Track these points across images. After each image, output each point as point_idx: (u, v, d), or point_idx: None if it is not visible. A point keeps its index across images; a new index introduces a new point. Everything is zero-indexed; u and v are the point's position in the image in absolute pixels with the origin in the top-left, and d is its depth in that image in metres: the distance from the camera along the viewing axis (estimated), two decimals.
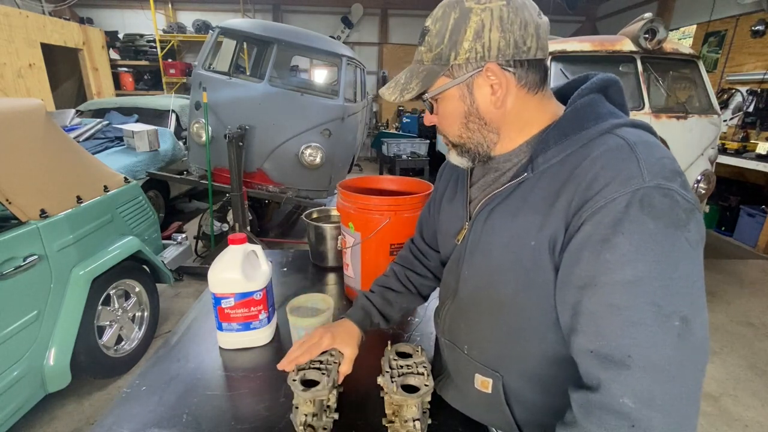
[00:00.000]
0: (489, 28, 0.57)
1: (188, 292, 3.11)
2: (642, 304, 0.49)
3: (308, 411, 0.72)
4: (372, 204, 1.08)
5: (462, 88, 0.62)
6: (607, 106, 0.62)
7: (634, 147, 0.53)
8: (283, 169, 3.50)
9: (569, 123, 0.60)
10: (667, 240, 0.49)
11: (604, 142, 0.56)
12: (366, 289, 1.19)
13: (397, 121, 8.89)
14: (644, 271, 0.49)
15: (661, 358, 0.48)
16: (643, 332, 0.49)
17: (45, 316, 1.70)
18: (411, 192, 1.23)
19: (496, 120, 0.63)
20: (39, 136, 1.81)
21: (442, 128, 0.69)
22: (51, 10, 6.60)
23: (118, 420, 0.78)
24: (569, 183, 0.56)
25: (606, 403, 0.51)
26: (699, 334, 0.49)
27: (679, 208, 0.50)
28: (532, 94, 0.62)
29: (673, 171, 0.52)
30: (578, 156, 0.57)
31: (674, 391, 0.49)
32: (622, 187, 0.51)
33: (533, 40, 0.58)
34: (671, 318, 0.48)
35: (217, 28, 3.56)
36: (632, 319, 0.49)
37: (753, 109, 4.84)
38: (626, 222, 0.49)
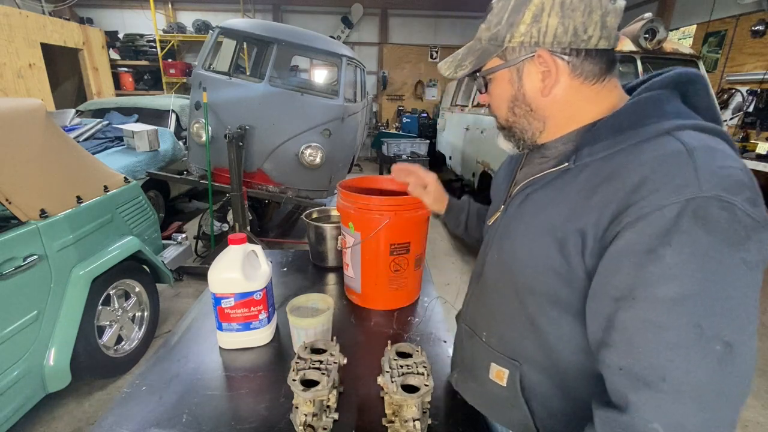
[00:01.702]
0: (548, 13, 0.55)
1: (188, 292, 3.11)
2: (683, 324, 0.45)
3: (308, 411, 0.72)
4: (372, 204, 1.08)
5: (512, 72, 0.61)
6: (676, 105, 0.56)
7: (692, 152, 0.47)
8: (283, 169, 3.50)
9: (626, 117, 0.55)
10: (721, 258, 0.44)
11: (659, 143, 0.50)
12: (366, 289, 1.19)
13: (397, 121, 8.89)
14: (690, 289, 0.44)
15: (698, 385, 0.45)
16: (681, 355, 0.45)
17: (45, 316, 1.70)
18: None
19: (542, 108, 0.61)
20: (39, 136, 1.81)
21: (493, 109, 0.68)
22: (51, 10, 6.60)
23: (118, 420, 0.78)
24: (611, 181, 0.52)
25: (633, 427, 0.47)
26: (742, 364, 0.45)
27: (738, 224, 0.44)
28: (588, 84, 0.58)
29: (739, 183, 0.46)
30: (627, 154, 0.52)
31: (708, 421, 0.45)
32: (673, 195, 0.46)
33: (596, 28, 0.54)
34: (713, 342, 0.44)
35: (217, 28, 3.56)
36: (671, 339, 0.45)
37: (753, 109, 4.84)
38: (676, 234, 0.45)
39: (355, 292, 1.23)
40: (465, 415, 0.82)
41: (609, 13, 0.54)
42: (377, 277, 1.16)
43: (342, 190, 1.15)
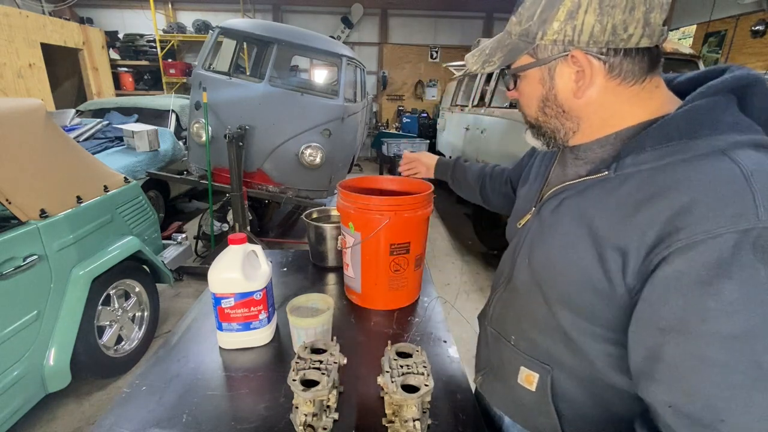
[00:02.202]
0: (585, 9, 0.50)
1: (188, 292, 3.11)
2: (744, 363, 0.42)
3: (308, 411, 0.72)
4: (372, 204, 1.08)
5: (543, 71, 0.57)
6: (734, 115, 0.50)
7: (750, 177, 0.44)
8: (283, 169, 3.50)
9: (677, 126, 0.50)
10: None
11: (713, 164, 0.46)
12: (366, 289, 1.19)
13: (397, 121, 8.89)
14: (752, 326, 0.41)
15: (761, 428, 0.42)
16: (742, 395, 0.42)
17: (45, 316, 1.70)
18: (411, 192, 1.23)
19: (575, 109, 0.57)
20: (39, 136, 1.81)
21: (521, 106, 0.65)
22: (51, 10, 6.60)
23: (118, 420, 0.78)
24: (658, 199, 0.48)
25: None
26: None
27: None
28: (626, 85, 0.53)
29: None
30: (677, 171, 0.48)
31: None
32: (729, 223, 0.42)
33: (638, 26, 0.49)
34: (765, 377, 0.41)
35: (217, 28, 3.56)
36: (731, 379, 0.42)
37: None
38: (735, 266, 0.42)
39: (355, 292, 1.23)
40: (465, 415, 0.82)
41: (654, 9, 0.49)
42: (377, 277, 1.16)
43: (342, 190, 1.15)
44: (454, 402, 0.85)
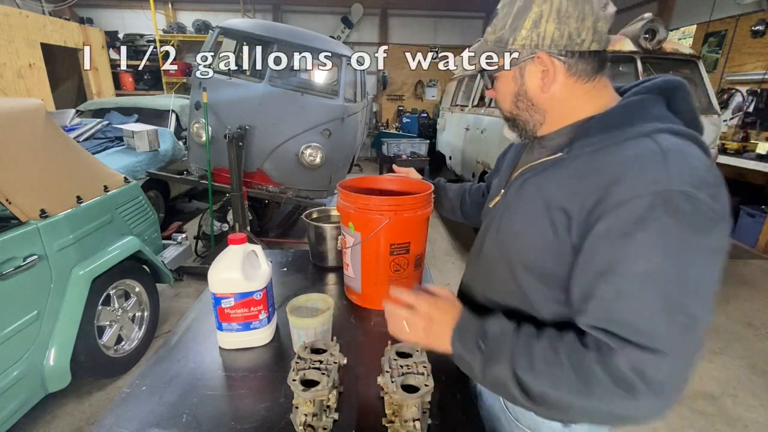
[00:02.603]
0: (546, 19, 0.62)
1: (188, 292, 3.11)
2: (653, 295, 0.53)
3: (308, 411, 0.72)
4: (372, 204, 1.07)
5: (515, 71, 0.69)
6: (658, 109, 0.63)
7: (666, 153, 0.56)
8: (283, 169, 3.50)
9: (615, 118, 0.63)
10: (686, 242, 0.52)
11: (639, 144, 0.58)
12: (366, 288, 1.19)
13: (397, 121, 8.89)
14: (660, 266, 0.52)
15: (663, 345, 0.52)
16: (649, 320, 0.53)
17: (45, 316, 1.70)
18: (411, 192, 1.22)
19: (542, 103, 0.69)
20: (39, 136, 1.81)
21: (498, 102, 0.77)
22: (51, 10, 6.60)
23: (118, 420, 0.78)
24: (598, 173, 0.59)
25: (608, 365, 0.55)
26: (700, 333, 0.54)
27: (701, 216, 0.52)
28: (581, 83, 0.66)
29: (703, 181, 0.54)
30: (612, 151, 0.60)
31: (669, 369, 0.53)
32: (648, 186, 0.54)
33: (589, 33, 0.62)
34: (678, 312, 0.52)
35: (217, 28, 3.56)
36: (644, 308, 0.53)
37: (753, 109, 4.84)
38: (649, 219, 0.53)
39: (355, 292, 1.23)
40: (465, 415, 0.82)
41: (600, 20, 0.62)
42: (377, 277, 1.16)
43: (342, 190, 1.14)
44: (454, 402, 0.85)
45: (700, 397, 2.20)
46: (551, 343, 0.60)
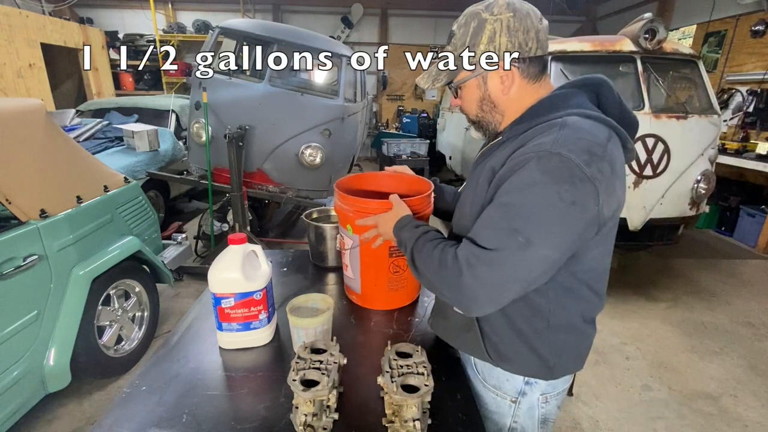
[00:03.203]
0: (499, 35, 0.75)
1: (188, 292, 3.11)
2: (503, 218, 0.69)
3: (308, 411, 0.72)
4: (370, 207, 1.05)
5: (478, 79, 0.81)
6: (580, 99, 0.77)
7: (562, 127, 0.70)
8: (283, 169, 3.50)
9: (541, 107, 0.78)
10: (544, 187, 0.66)
11: (551, 122, 0.73)
12: (366, 289, 1.19)
13: (397, 121, 8.89)
14: (514, 200, 0.69)
15: (493, 246, 0.69)
16: (493, 231, 0.70)
17: (45, 316, 1.70)
18: (411, 191, 1.21)
19: (503, 104, 0.82)
20: (39, 136, 1.81)
21: (464, 109, 0.89)
22: (51, 10, 6.60)
23: (118, 420, 0.78)
24: (515, 143, 0.76)
25: (457, 260, 0.73)
26: (534, 258, 0.68)
27: (567, 172, 0.65)
28: (531, 83, 0.80)
29: (584, 149, 0.67)
30: (533, 130, 0.75)
31: (496, 278, 0.69)
32: (535, 148, 0.69)
33: (534, 42, 0.76)
34: (516, 234, 0.67)
35: (217, 28, 3.56)
36: (492, 224, 0.71)
37: (753, 109, 4.83)
38: (522, 169, 0.69)
39: (355, 293, 1.23)
40: (465, 415, 0.82)
41: (540, 30, 0.76)
42: (376, 278, 1.16)
43: (339, 192, 1.13)
44: (454, 402, 0.85)
45: (700, 397, 2.20)
46: (439, 244, 0.79)
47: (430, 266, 0.78)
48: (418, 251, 0.82)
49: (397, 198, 1.01)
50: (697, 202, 2.97)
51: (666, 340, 2.70)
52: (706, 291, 3.36)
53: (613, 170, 0.69)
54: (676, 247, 4.07)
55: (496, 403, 0.90)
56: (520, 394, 0.87)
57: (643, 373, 2.38)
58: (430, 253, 0.79)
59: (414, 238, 0.85)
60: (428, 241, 0.82)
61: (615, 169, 0.70)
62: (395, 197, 1.01)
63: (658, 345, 2.65)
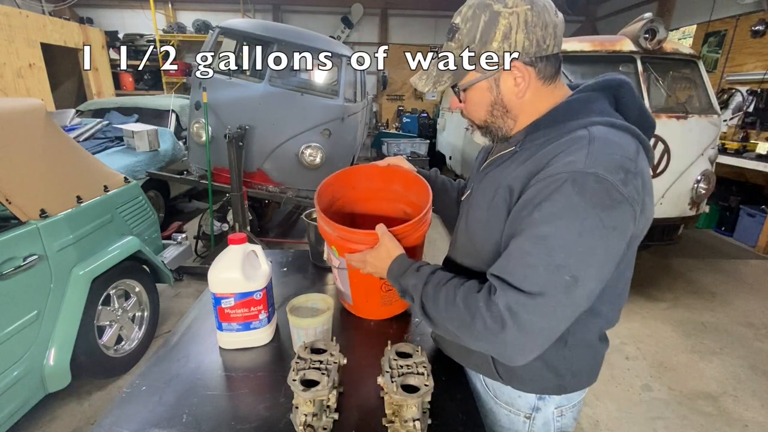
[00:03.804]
0: (515, 31, 0.66)
1: (188, 292, 3.11)
2: (543, 253, 0.60)
3: (308, 411, 0.72)
4: (355, 240, 0.91)
5: (490, 81, 0.72)
6: (601, 104, 0.70)
7: (592, 141, 0.63)
8: (283, 169, 3.50)
9: (560, 114, 0.71)
10: (583, 214, 0.59)
11: (575, 134, 0.66)
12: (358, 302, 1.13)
13: (397, 121, 8.89)
14: (553, 231, 0.60)
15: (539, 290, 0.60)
16: (533, 271, 0.61)
17: (45, 316, 1.70)
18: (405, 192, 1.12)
19: (516, 108, 0.74)
20: (39, 136, 1.81)
21: (469, 113, 0.79)
22: (51, 10, 6.60)
23: (118, 420, 0.78)
24: (536, 157, 0.67)
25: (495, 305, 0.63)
26: (584, 294, 0.62)
27: (606, 195, 0.59)
28: (546, 85, 0.72)
29: (619, 166, 0.60)
30: (554, 141, 0.67)
31: (536, 312, 0.61)
32: (567, 167, 0.61)
33: (552, 38, 0.68)
34: (562, 272, 0.60)
35: (217, 28, 3.56)
36: (532, 262, 0.61)
37: (753, 109, 4.84)
38: (557, 193, 0.60)
39: (347, 303, 1.17)
40: (465, 415, 0.82)
41: (557, 25, 0.68)
42: (368, 295, 1.10)
43: (321, 212, 0.96)
44: (454, 402, 0.85)
45: (700, 397, 2.20)
46: (457, 290, 0.70)
47: (453, 319, 0.68)
48: (431, 302, 0.72)
49: (384, 231, 0.87)
50: (697, 202, 2.97)
51: (666, 340, 2.70)
52: (706, 291, 3.36)
53: (644, 185, 0.63)
54: (676, 247, 4.07)
55: (510, 420, 0.86)
56: (534, 409, 0.83)
57: (643, 373, 2.38)
58: (450, 304, 0.69)
59: (420, 286, 0.75)
60: (440, 287, 0.72)
61: (645, 183, 0.64)
62: (382, 230, 0.87)
63: (658, 345, 2.65)
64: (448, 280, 0.73)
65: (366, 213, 1.22)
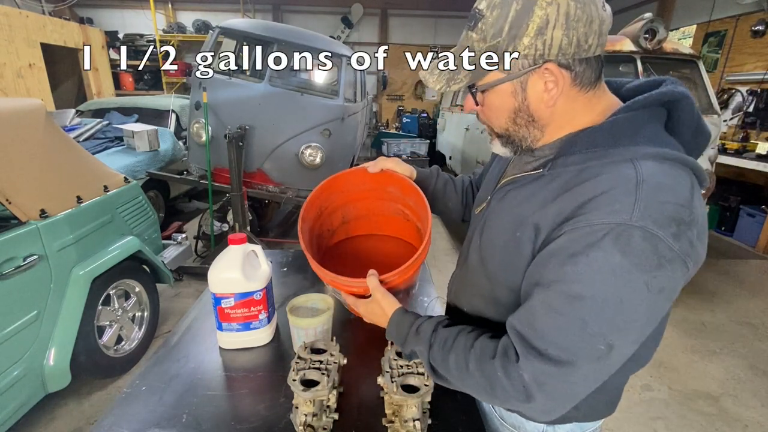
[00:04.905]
0: (553, 25, 0.54)
1: (188, 292, 3.11)
2: (577, 318, 0.52)
3: (308, 411, 0.72)
4: (344, 287, 0.86)
5: (515, 84, 0.60)
6: (652, 128, 0.59)
7: (640, 185, 0.52)
8: (283, 169, 3.50)
9: (602, 135, 0.58)
10: (628, 277, 0.50)
11: (619, 170, 0.55)
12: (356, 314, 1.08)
13: (397, 121, 8.89)
14: (590, 293, 0.52)
15: (570, 359, 0.53)
16: (565, 337, 0.54)
17: (45, 316, 1.70)
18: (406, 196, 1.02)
19: (545, 118, 0.62)
20: (39, 136, 1.81)
21: (487, 119, 0.68)
22: (51, 10, 6.60)
23: (118, 420, 0.78)
24: (570, 193, 0.57)
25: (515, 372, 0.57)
26: (617, 360, 0.55)
27: (654, 254, 0.50)
28: (583, 92, 0.60)
29: (671, 218, 0.51)
30: (593, 172, 0.56)
31: (566, 384, 0.55)
32: (608, 217, 0.51)
33: (596, 37, 0.55)
34: (596, 340, 0.52)
35: (217, 28, 3.56)
36: (559, 321, 0.54)
37: (753, 109, 4.84)
38: (596, 248, 0.51)
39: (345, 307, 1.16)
40: (465, 415, 0.82)
41: (604, 21, 0.56)
42: None
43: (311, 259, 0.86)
44: (454, 402, 0.85)
45: (700, 397, 2.20)
46: (469, 353, 0.62)
47: (469, 386, 0.63)
48: (441, 366, 0.65)
49: (375, 285, 0.78)
50: None
51: (666, 340, 2.70)
52: (706, 291, 3.36)
53: (699, 234, 0.54)
54: None
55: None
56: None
57: (643, 373, 2.38)
58: (463, 371, 0.62)
59: (425, 353, 0.67)
60: (447, 351, 0.64)
61: (700, 230, 0.54)
62: (373, 284, 0.77)
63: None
64: (454, 340, 0.65)
65: (360, 215, 1.12)
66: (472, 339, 0.64)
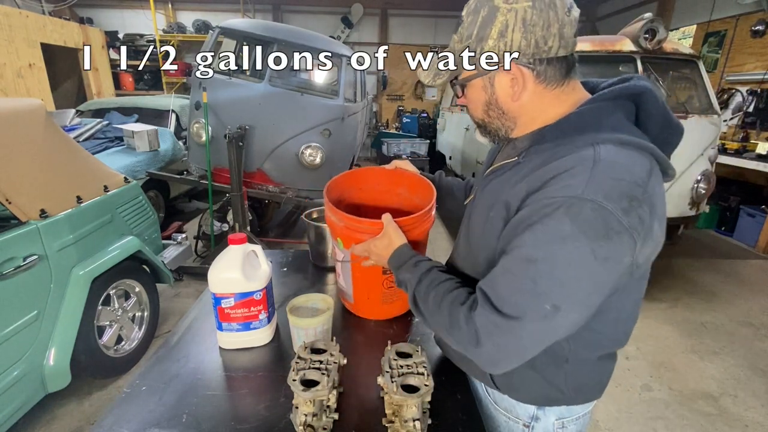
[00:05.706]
0: (512, 29, 0.62)
1: (188, 292, 3.11)
2: (527, 278, 0.59)
3: (308, 411, 0.72)
4: (361, 228, 0.95)
5: (485, 80, 0.69)
6: (614, 118, 0.64)
7: (596, 164, 0.58)
8: (283, 169, 3.50)
9: (568, 126, 0.65)
10: (574, 243, 0.56)
11: (582, 151, 0.61)
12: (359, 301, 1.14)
13: (397, 121, 8.89)
14: (542, 257, 0.58)
15: (517, 314, 0.60)
16: (515, 295, 0.60)
17: (45, 316, 1.70)
18: (410, 193, 1.15)
19: (513, 110, 0.70)
20: (39, 136, 1.81)
21: (469, 110, 0.77)
22: (51, 10, 6.60)
23: (118, 420, 0.78)
24: (536, 173, 0.64)
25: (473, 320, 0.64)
26: (563, 323, 0.60)
27: (602, 225, 0.55)
28: (550, 89, 0.67)
29: (623, 194, 0.56)
30: (558, 154, 0.63)
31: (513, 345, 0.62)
32: (563, 191, 0.58)
33: (555, 39, 0.62)
34: (543, 300, 0.58)
35: (217, 28, 3.56)
36: (515, 285, 0.60)
37: (753, 109, 4.84)
38: (549, 218, 0.58)
39: (348, 301, 1.18)
40: (465, 415, 0.82)
41: (565, 25, 0.62)
42: (369, 292, 1.11)
43: (329, 203, 1.01)
44: (454, 402, 0.85)
45: (700, 397, 2.20)
46: (446, 295, 0.71)
47: (437, 322, 0.71)
48: (422, 299, 0.75)
49: (390, 220, 0.89)
50: (697, 202, 2.97)
51: (666, 340, 2.70)
52: (706, 291, 3.36)
53: (652, 212, 0.59)
54: (676, 247, 4.07)
55: (509, 427, 0.85)
56: (533, 419, 0.81)
57: (643, 373, 2.38)
58: (437, 306, 0.71)
59: (414, 282, 0.77)
60: (431, 287, 0.73)
61: (655, 209, 0.59)
62: (387, 219, 0.89)
63: (658, 345, 2.65)
64: (440, 282, 0.73)
65: (369, 209, 1.23)
66: (455, 286, 0.72)
